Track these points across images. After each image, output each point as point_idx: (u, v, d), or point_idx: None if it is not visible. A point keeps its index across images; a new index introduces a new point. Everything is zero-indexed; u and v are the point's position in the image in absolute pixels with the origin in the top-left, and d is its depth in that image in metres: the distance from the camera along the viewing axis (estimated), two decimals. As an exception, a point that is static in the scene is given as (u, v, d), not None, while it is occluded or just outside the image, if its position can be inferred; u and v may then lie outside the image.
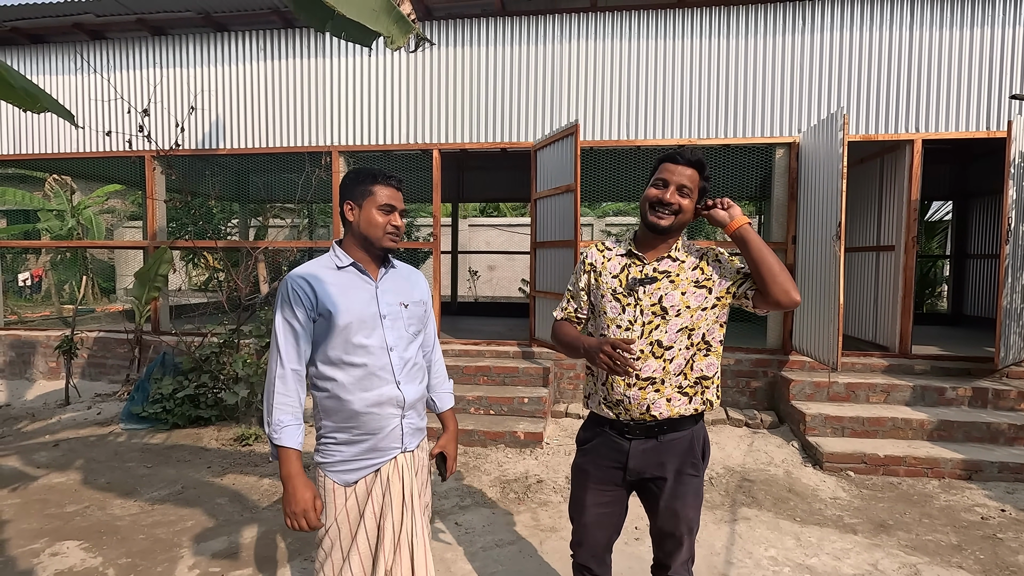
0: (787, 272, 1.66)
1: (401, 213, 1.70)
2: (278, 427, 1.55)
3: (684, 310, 1.73)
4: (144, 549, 2.87)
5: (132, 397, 4.87)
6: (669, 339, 1.71)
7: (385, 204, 1.66)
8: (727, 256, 1.77)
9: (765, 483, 3.72)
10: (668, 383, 1.72)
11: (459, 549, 2.88)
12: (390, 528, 1.61)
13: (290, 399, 1.57)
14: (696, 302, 1.73)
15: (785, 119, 5.07)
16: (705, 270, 1.76)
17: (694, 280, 1.75)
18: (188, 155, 5.94)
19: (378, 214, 1.66)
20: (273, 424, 1.56)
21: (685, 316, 1.73)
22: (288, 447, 1.55)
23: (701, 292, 1.74)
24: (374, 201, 1.66)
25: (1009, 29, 4.77)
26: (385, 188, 1.67)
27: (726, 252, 1.78)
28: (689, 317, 1.73)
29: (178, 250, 7.33)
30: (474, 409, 4.76)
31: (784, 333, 5.19)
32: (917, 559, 2.84)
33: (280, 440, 1.55)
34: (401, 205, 1.70)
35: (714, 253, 1.78)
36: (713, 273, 1.75)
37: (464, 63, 5.44)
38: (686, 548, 1.77)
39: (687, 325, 1.72)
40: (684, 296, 1.73)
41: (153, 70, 5.85)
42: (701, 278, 1.75)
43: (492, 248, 14.32)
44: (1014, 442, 4.09)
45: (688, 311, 1.73)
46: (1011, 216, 4.39)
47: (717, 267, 1.76)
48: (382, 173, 1.68)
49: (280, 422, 1.55)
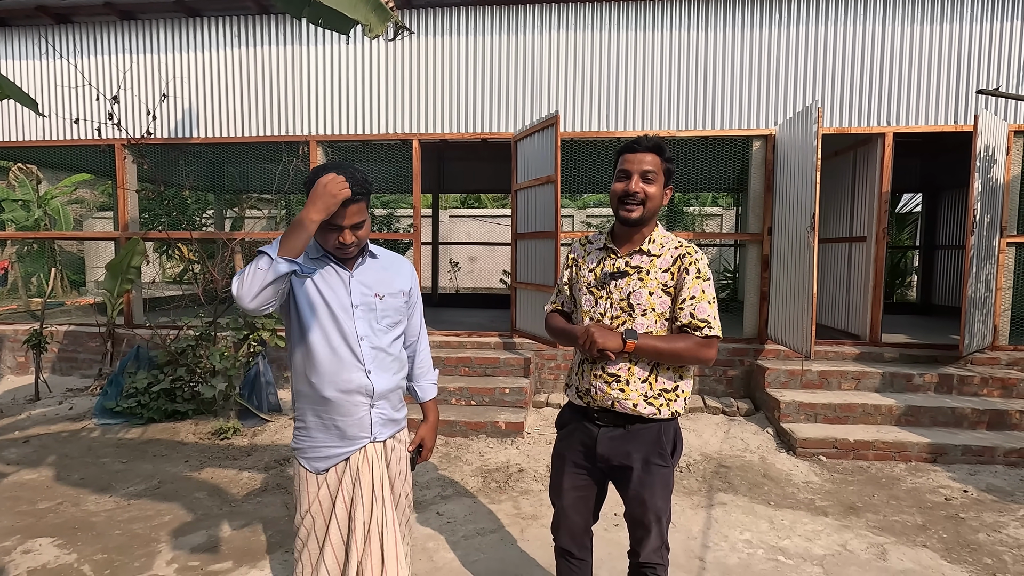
0: (691, 349, 1.68)
1: (355, 226, 1.57)
2: (259, 256, 1.42)
3: (650, 311, 1.72)
4: (120, 545, 2.83)
5: (105, 392, 4.77)
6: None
7: (329, 223, 1.53)
8: (692, 275, 1.70)
9: (741, 469, 3.81)
10: (633, 386, 1.72)
11: (441, 539, 2.90)
12: (360, 519, 1.62)
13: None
14: (661, 308, 1.72)
15: (762, 112, 5.14)
16: (675, 276, 1.72)
17: (663, 283, 1.72)
18: (160, 144, 5.80)
19: (324, 230, 1.56)
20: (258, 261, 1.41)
21: (651, 318, 1.72)
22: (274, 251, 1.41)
23: (667, 299, 1.73)
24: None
25: (977, 25, 4.89)
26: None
27: (695, 267, 1.71)
28: (654, 321, 1.72)
29: (151, 241, 7.17)
30: (455, 400, 4.77)
31: (760, 323, 5.29)
32: (884, 539, 2.94)
33: (267, 251, 1.41)
34: (352, 220, 1.55)
35: (690, 261, 1.72)
36: (679, 283, 1.71)
37: (444, 52, 5.39)
38: (655, 535, 1.79)
39: (652, 330, 1.72)
40: (651, 297, 1.72)
41: (123, 56, 5.68)
42: (669, 283, 1.72)
43: (473, 239, 14.28)
44: (977, 426, 4.26)
45: (654, 314, 1.72)
46: (977, 208, 4.53)
47: (683, 279, 1.71)
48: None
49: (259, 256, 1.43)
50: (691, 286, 1.69)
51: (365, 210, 1.61)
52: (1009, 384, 4.56)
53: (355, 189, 1.52)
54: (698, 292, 1.69)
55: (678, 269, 1.71)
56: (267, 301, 1.43)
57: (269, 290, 1.41)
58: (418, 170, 5.52)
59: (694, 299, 1.69)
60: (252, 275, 1.40)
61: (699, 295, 1.69)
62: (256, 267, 1.40)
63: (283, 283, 1.44)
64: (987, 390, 4.57)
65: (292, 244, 1.42)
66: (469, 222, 14.94)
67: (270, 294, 1.42)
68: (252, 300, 1.40)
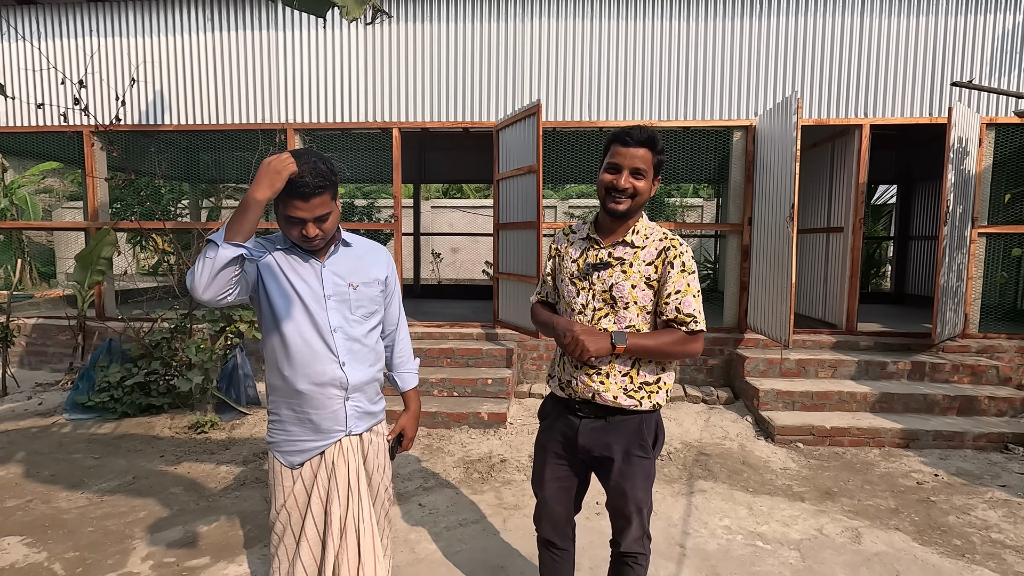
0: (678, 345, 1.67)
1: (319, 219, 1.51)
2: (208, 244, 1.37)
3: (632, 305, 1.69)
4: (93, 542, 2.77)
5: (76, 386, 4.64)
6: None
7: (291, 216, 1.49)
8: (677, 269, 1.67)
9: (720, 456, 3.86)
10: (614, 379, 1.71)
11: (423, 530, 2.89)
12: (336, 514, 1.60)
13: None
14: (643, 301, 1.70)
15: (743, 102, 5.16)
16: (659, 269, 1.69)
17: (645, 276, 1.69)
18: (130, 131, 5.62)
19: (287, 223, 1.53)
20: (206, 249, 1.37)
21: (633, 311, 1.70)
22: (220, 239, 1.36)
23: (649, 292, 1.70)
24: (282, 211, 1.51)
25: (951, 18, 4.96)
26: (291, 199, 1.46)
27: (680, 260, 1.68)
28: (636, 315, 1.70)
29: (123, 232, 6.98)
30: (438, 391, 4.74)
31: (740, 312, 5.35)
32: (859, 523, 3.01)
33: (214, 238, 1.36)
34: (315, 213, 1.49)
35: (675, 254, 1.68)
36: (663, 276, 1.69)
37: (425, 39, 5.31)
38: (636, 526, 1.79)
39: (634, 324, 1.70)
40: (634, 290, 1.69)
41: (90, 39, 5.48)
42: (653, 277, 1.70)
43: (455, 230, 14.19)
44: (947, 412, 4.37)
45: (636, 307, 1.70)
46: (950, 199, 4.62)
47: (668, 273, 1.68)
48: (297, 177, 1.42)
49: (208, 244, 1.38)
50: (676, 280, 1.67)
51: (330, 202, 1.53)
52: (979, 371, 4.68)
53: (318, 180, 1.45)
54: (683, 286, 1.67)
55: (662, 263, 1.68)
56: (222, 290, 1.38)
57: (221, 278, 1.36)
58: (398, 159, 5.44)
59: (679, 293, 1.66)
60: (202, 265, 1.35)
61: (684, 289, 1.67)
62: (204, 256, 1.35)
63: (235, 270, 1.39)
64: (958, 377, 4.69)
65: (237, 227, 1.36)
66: (451, 212, 14.83)
67: (223, 283, 1.37)
68: (205, 291, 1.36)
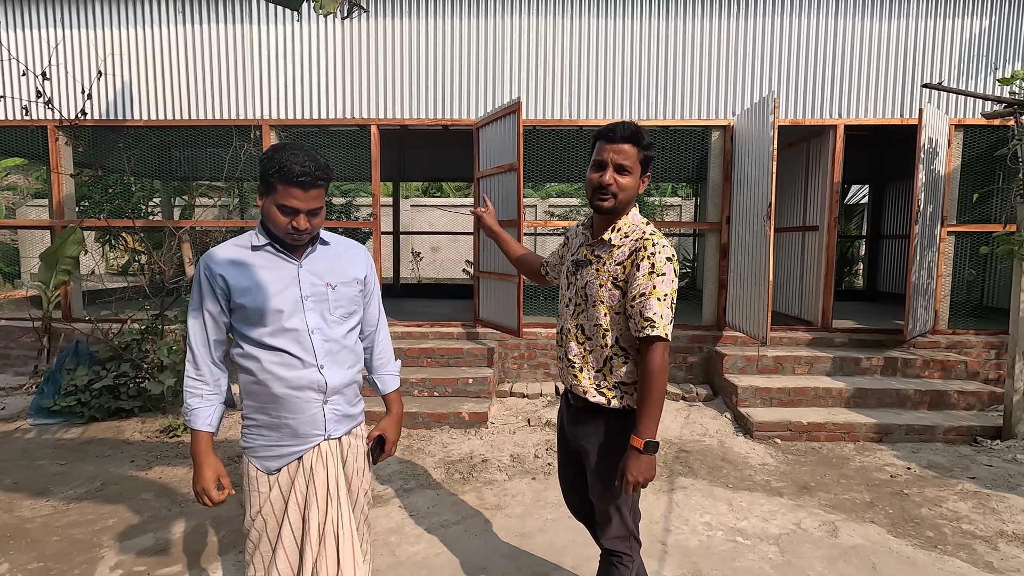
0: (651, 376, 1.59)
1: (312, 212, 1.50)
2: (187, 411, 1.59)
3: (599, 304, 1.68)
4: (58, 552, 2.66)
5: (41, 390, 4.48)
6: (589, 329, 1.72)
7: (285, 206, 1.47)
8: (644, 271, 1.61)
9: (700, 453, 3.89)
10: (587, 374, 1.72)
11: (403, 532, 2.85)
12: (315, 520, 1.55)
13: (200, 382, 1.59)
14: (610, 301, 1.67)
15: (721, 102, 5.21)
16: (626, 270, 1.65)
17: (613, 276, 1.66)
18: (97, 125, 5.44)
19: (277, 213, 1.49)
20: (183, 408, 1.61)
21: (600, 311, 1.68)
22: (198, 429, 1.58)
23: (617, 293, 1.66)
24: (274, 199, 1.48)
25: (922, 21, 5.08)
26: (289, 188, 1.45)
27: (648, 262, 1.60)
28: (603, 315, 1.68)
29: (91, 230, 6.76)
30: (418, 392, 4.69)
31: (718, 310, 5.40)
32: (835, 516, 3.06)
33: (190, 423, 1.59)
34: (310, 205, 1.48)
35: (644, 255, 1.61)
36: (629, 277, 1.63)
37: (404, 35, 5.24)
38: (615, 524, 1.77)
39: (601, 323, 1.68)
40: (601, 290, 1.68)
41: (54, 30, 5.29)
42: (620, 277, 1.65)
43: (435, 229, 14.10)
44: (919, 406, 4.47)
45: (603, 306, 1.68)
46: (921, 198, 4.72)
47: (634, 275, 1.62)
48: (292, 167, 1.43)
49: (189, 406, 1.58)
50: (641, 283, 1.59)
51: (323, 196, 1.55)
52: (948, 366, 4.80)
53: (319, 172, 1.48)
54: (648, 288, 1.59)
55: (631, 263, 1.63)
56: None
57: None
58: (377, 157, 5.37)
59: (643, 296, 1.59)
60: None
61: (649, 292, 1.59)
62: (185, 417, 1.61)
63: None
64: (928, 372, 4.81)
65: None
66: (431, 211, 14.72)
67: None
68: None
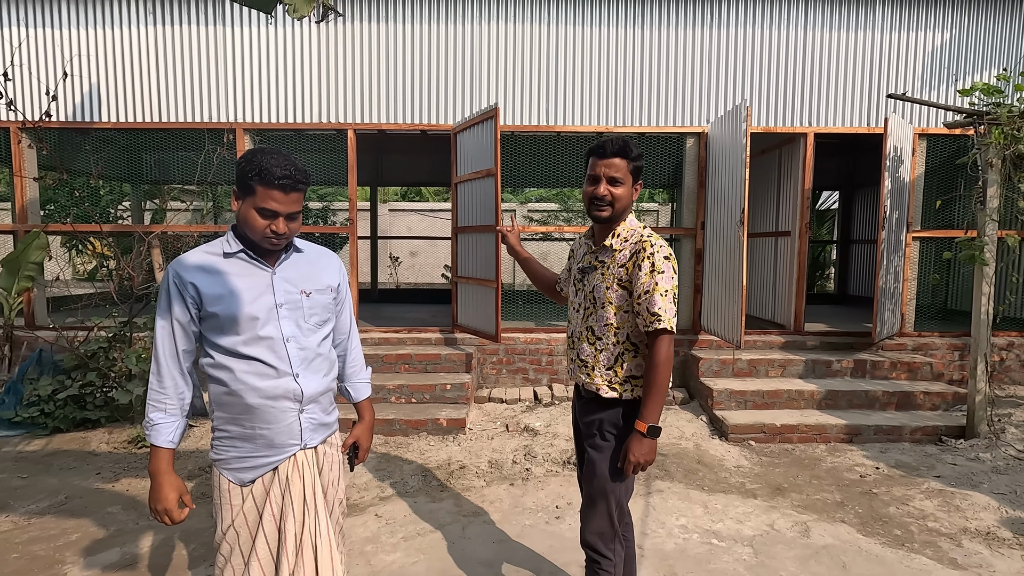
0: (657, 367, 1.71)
1: (291, 216, 1.49)
2: (148, 425, 1.53)
3: (608, 305, 1.81)
4: (18, 569, 2.56)
5: (2, 401, 4.32)
6: (600, 330, 1.84)
7: (264, 208, 1.45)
8: (645, 270, 1.72)
9: (677, 456, 3.93)
10: (599, 372, 1.83)
11: (379, 542, 2.81)
12: (292, 531, 1.52)
13: (164, 396, 1.53)
14: (618, 301, 1.80)
15: (696, 110, 5.30)
16: (629, 271, 1.77)
17: (618, 278, 1.79)
18: (62, 128, 5.30)
19: (256, 216, 1.47)
20: (144, 422, 1.55)
21: (609, 311, 1.80)
22: (157, 446, 1.52)
23: (623, 292, 1.79)
24: (253, 201, 1.46)
25: (888, 33, 5.24)
26: (269, 190, 1.44)
27: (648, 262, 1.72)
28: (612, 314, 1.80)
29: (56, 235, 6.56)
30: (395, 398, 4.65)
31: (694, 314, 5.48)
32: (807, 517, 3.11)
33: (150, 438, 1.53)
34: (290, 208, 1.47)
35: (644, 256, 1.73)
36: (633, 278, 1.75)
37: (381, 40, 5.22)
38: (599, 515, 1.82)
39: (612, 322, 1.80)
40: (608, 291, 1.80)
41: (16, 30, 5.14)
42: (624, 278, 1.78)
43: (413, 233, 14.03)
44: (887, 407, 4.59)
45: (611, 307, 1.80)
46: (887, 205, 4.86)
47: (636, 275, 1.73)
48: (273, 170, 1.42)
49: (152, 420, 1.53)
50: (644, 281, 1.72)
51: (303, 200, 1.53)
52: (915, 368, 4.94)
53: (299, 176, 1.47)
54: (651, 286, 1.72)
55: (632, 264, 1.76)
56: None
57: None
58: (354, 161, 5.33)
59: (648, 294, 1.72)
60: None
61: (652, 289, 1.72)
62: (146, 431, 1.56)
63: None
64: (896, 373, 4.94)
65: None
66: (409, 216, 14.65)
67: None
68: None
